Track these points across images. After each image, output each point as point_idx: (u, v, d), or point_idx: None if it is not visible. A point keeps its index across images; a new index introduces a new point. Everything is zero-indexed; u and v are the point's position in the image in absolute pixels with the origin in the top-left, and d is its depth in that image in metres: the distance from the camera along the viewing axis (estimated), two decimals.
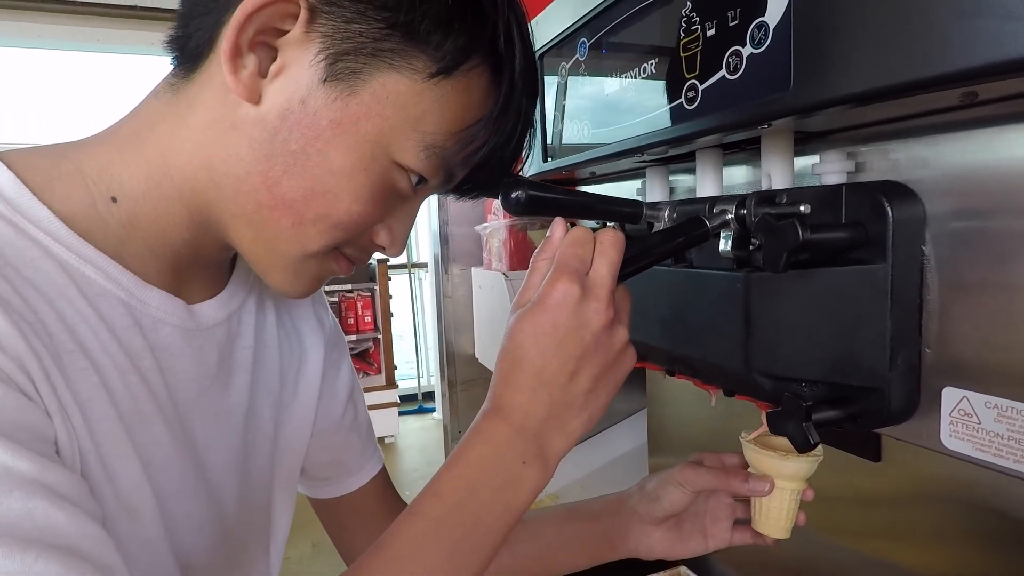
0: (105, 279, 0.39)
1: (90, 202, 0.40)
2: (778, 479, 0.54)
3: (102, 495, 0.38)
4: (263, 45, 0.38)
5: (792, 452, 0.53)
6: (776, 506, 0.55)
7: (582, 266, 0.40)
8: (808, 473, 0.54)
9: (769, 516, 0.55)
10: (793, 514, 0.55)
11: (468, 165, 0.44)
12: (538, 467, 0.39)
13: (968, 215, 0.39)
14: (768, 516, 0.55)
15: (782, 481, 0.54)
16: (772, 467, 0.54)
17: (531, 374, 0.39)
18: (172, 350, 0.44)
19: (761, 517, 0.56)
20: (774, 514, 0.55)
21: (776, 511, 0.55)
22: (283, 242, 0.41)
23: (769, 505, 0.55)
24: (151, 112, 0.42)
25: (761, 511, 0.56)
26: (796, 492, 0.54)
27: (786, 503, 0.54)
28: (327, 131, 0.38)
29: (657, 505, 0.59)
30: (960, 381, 0.40)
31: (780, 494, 0.54)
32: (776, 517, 0.55)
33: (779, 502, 0.55)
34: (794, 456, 0.53)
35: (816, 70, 0.35)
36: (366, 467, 0.64)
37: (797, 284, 0.43)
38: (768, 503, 0.55)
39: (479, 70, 0.41)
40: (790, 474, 0.54)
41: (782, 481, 0.54)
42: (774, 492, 0.54)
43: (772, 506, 0.55)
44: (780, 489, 0.54)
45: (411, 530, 0.37)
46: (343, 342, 0.63)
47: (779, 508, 0.55)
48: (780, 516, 0.55)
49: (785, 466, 0.53)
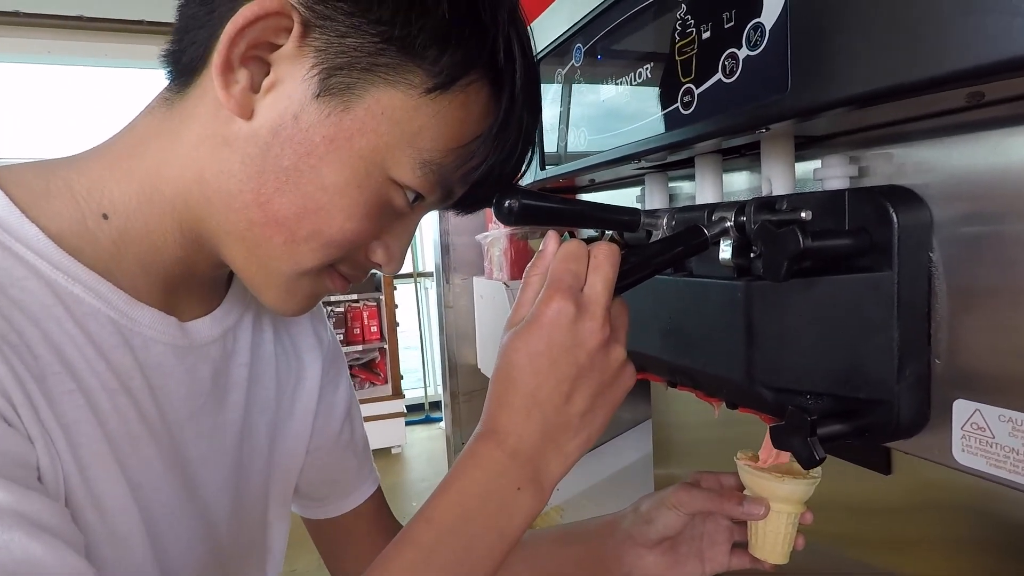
0: (94, 298, 0.39)
1: (80, 219, 0.39)
2: (774, 502, 0.52)
3: (87, 520, 0.37)
4: (256, 60, 0.37)
5: (788, 474, 0.52)
6: (773, 530, 0.53)
7: (576, 282, 0.38)
8: (805, 496, 0.52)
9: (766, 540, 0.54)
10: (791, 538, 0.53)
11: (467, 182, 0.43)
12: (533, 492, 0.38)
13: (977, 220, 0.38)
14: (765, 540, 0.54)
15: (778, 504, 0.52)
16: (768, 489, 0.52)
17: (525, 396, 0.38)
18: (164, 368, 0.43)
19: (758, 541, 0.54)
20: (771, 538, 0.53)
21: (773, 535, 0.53)
22: (276, 260, 0.41)
23: (766, 529, 0.53)
24: (145, 128, 0.41)
25: (758, 535, 0.54)
26: (793, 516, 0.53)
27: (783, 527, 0.53)
28: (320, 147, 0.38)
29: (651, 527, 0.58)
30: (972, 393, 0.38)
31: (777, 517, 0.53)
32: (773, 542, 0.53)
33: (775, 526, 0.53)
34: (790, 478, 0.51)
35: (814, 71, 0.34)
36: (362, 487, 0.63)
37: (800, 293, 0.42)
38: (764, 527, 0.53)
39: (478, 85, 0.40)
40: (786, 496, 0.52)
41: (778, 504, 0.52)
42: (770, 516, 0.53)
43: (769, 530, 0.53)
44: (776, 512, 0.52)
45: (401, 559, 0.36)
46: (342, 359, 0.62)
47: (776, 532, 0.53)
48: (777, 540, 0.53)
49: (781, 488, 0.52)
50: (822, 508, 0.55)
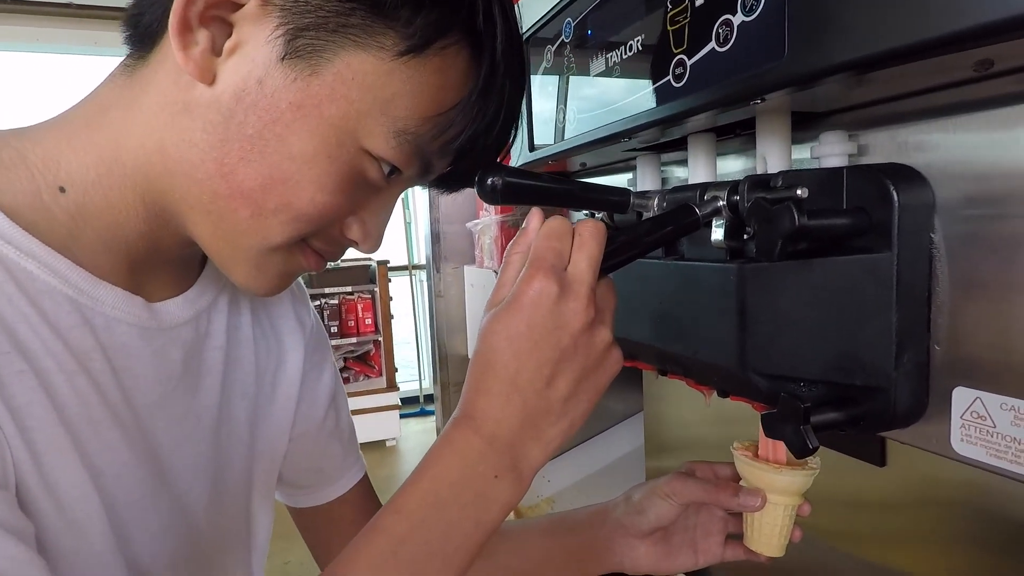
0: (49, 275, 0.37)
1: (35, 192, 0.37)
2: (771, 493, 0.51)
3: (40, 508, 0.35)
4: (217, 20, 0.35)
5: (786, 465, 0.50)
6: (769, 522, 0.51)
7: (559, 261, 0.37)
8: (803, 488, 0.51)
9: (762, 532, 0.52)
10: (787, 531, 0.52)
11: (447, 154, 0.41)
12: (511, 481, 0.36)
13: (982, 201, 0.36)
14: (760, 532, 0.52)
15: (775, 496, 0.51)
16: (764, 480, 0.51)
17: (504, 380, 0.36)
18: (129, 350, 0.41)
19: (753, 533, 0.53)
20: (766, 530, 0.52)
21: (769, 527, 0.51)
22: (243, 234, 0.39)
23: (762, 521, 0.52)
24: (105, 97, 0.39)
25: (753, 527, 0.53)
26: (790, 508, 0.51)
27: (779, 519, 0.51)
28: (287, 114, 0.36)
29: (643, 518, 0.56)
30: (973, 381, 0.37)
31: (773, 509, 0.51)
32: (769, 534, 0.52)
33: (772, 518, 0.51)
34: (788, 469, 0.50)
35: (813, 36, 0.32)
36: (347, 475, 0.61)
37: (794, 275, 0.40)
38: (760, 519, 0.52)
39: (455, 49, 0.38)
40: (783, 488, 0.50)
41: (775, 496, 0.51)
42: (767, 507, 0.51)
43: (765, 522, 0.52)
44: (773, 504, 0.51)
45: (369, 549, 0.34)
46: (326, 344, 0.61)
47: (772, 524, 0.51)
48: (773, 533, 0.51)
49: (778, 480, 0.50)
50: (814, 501, 0.53)
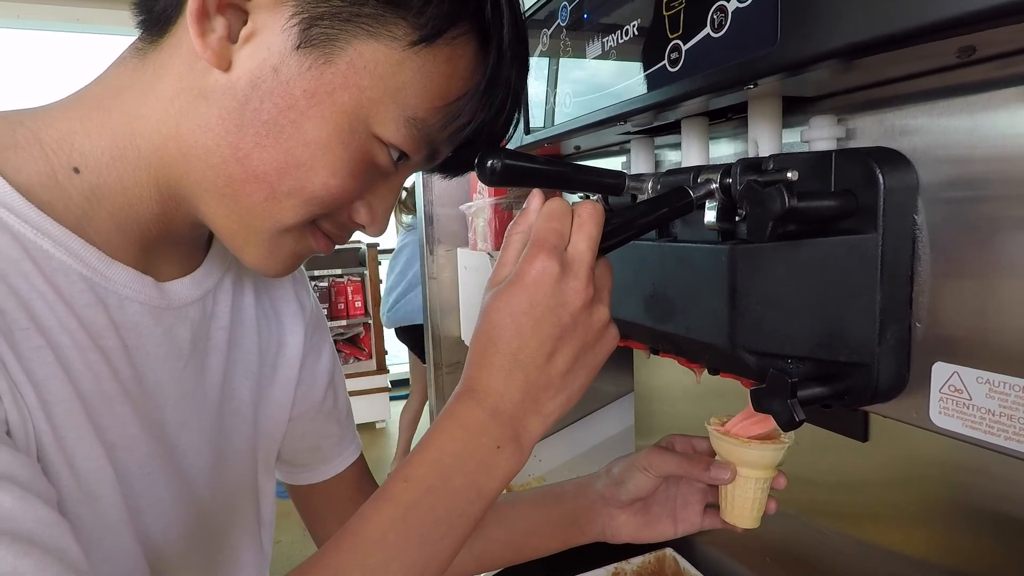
0: (65, 254, 0.37)
1: (49, 172, 0.38)
2: (742, 467, 0.52)
3: (59, 477, 0.36)
4: (233, 8, 0.36)
5: (755, 439, 0.51)
6: (741, 495, 0.53)
7: (560, 241, 0.38)
8: (774, 461, 0.52)
9: (735, 505, 0.53)
10: (761, 504, 0.53)
11: (455, 142, 0.42)
12: (512, 451, 0.37)
13: (964, 184, 0.38)
14: (734, 505, 0.53)
15: (746, 469, 0.52)
16: (734, 454, 0.52)
17: (506, 355, 0.37)
18: (140, 329, 0.42)
19: (727, 506, 0.54)
20: (739, 503, 0.53)
21: (741, 500, 0.53)
22: (256, 217, 0.39)
23: (734, 494, 0.53)
24: (117, 80, 0.40)
25: (727, 500, 0.54)
26: (763, 481, 0.52)
27: (750, 492, 0.52)
28: (301, 101, 0.36)
29: (622, 489, 0.58)
30: (951, 356, 0.38)
31: (744, 483, 0.52)
32: (741, 506, 0.53)
33: (743, 491, 0.52)
34: (757, 443, 0.51)
35: (804, 23, 0.33)
36: (344, 454, 0.63)
37: (783, 256, 0.41)
38: (733, 491, 0.53)
39: (464, 39, 0.38)
40: (753, 461, 0.51)
41: (746, 469, 0.52)
42: (739, 481, 0.52)
43: (737, 495, 0.53)
44: (744, 478, 0.52)
45: (379, 516, 0.35)
46: (325, 326, 0.62)
47: (744, 497, 0.52)
48: (745, 505, 0.53)
49: (747, 453, 0.51)
50: (795, 477, 0.55)
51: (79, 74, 0.44)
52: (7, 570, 0.27)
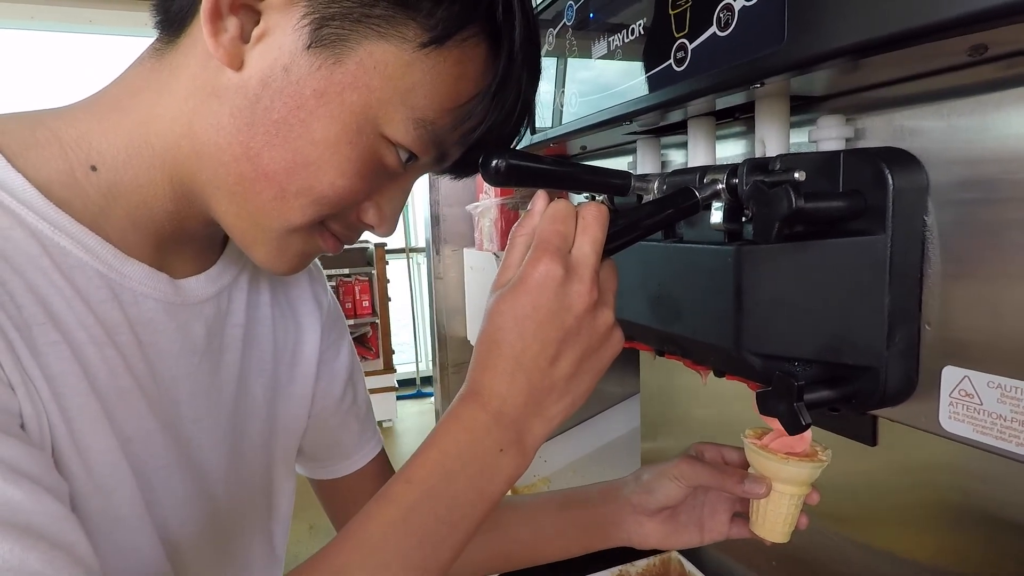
0: (82, 251, 0.38)
1: (68, 170, 0.38)
2: (778, 483, 0.51)
3: (72, 471, 0.36)
4: (246, 8, 0.36)
5: (794, 455, 0.50)
6: (774, 509, 0.52)
7: (564, 244, 0.37)
8: (810, 479, 0.51)
9: (767, 519, 0.52)
10: (793, 519, 0.52)
11: (465, 144, 0.42)
12: (515, 455, 0.37)
13: (975, 185, 0.37)
14: (766, 519, 0.52)
15: (781, 485, 0.51)
16: (771, 469, 0.51)
17: (510, 358, 0.37)
18: (154, 325, 0.42)
19: (758, 519, 0.53)
20: (771, 517, 0.52)
21: (774, 514, 0.52)
22: (265, 216, 0.40)
23: (767, 508, 0.52)
24: (134, 79, 0.40)
25: (759, 513, 0.53)
26: (797, 497, 0.51)
27: (784, 507, 0.51)
28: (310, 101, 0.37)
29: (651, 497, 0.58)
30: (961, 360, 0.38)
31: (779, 498, 0.51)
32: (773, 520, 0.52)
33: (777, 506, 0.51)
34: (795, 460, 0.50)
35: (812, 21, 0.32)
36: (364, 449, 0.63)
37: (790, 257, 0.41)
38: (766, 506, 0.52)
39: (475, 41, 0.38)
40: (789, 478, 0.50)
41: (781, 485, 0.51)
42: (772, 496, 0.51)
43: (770, 509, 0.52)
44: (779, 493, 0.51)
45: (380, 517, 0.35)
46: (343, 323, 0.62)
47: (776, 512, 0.51)
48: (778, 520, 0.52)
49: (784, 469, 0.50)
50: None
51: (91, 74, 0.44)
52: (15, 563, 0.27)
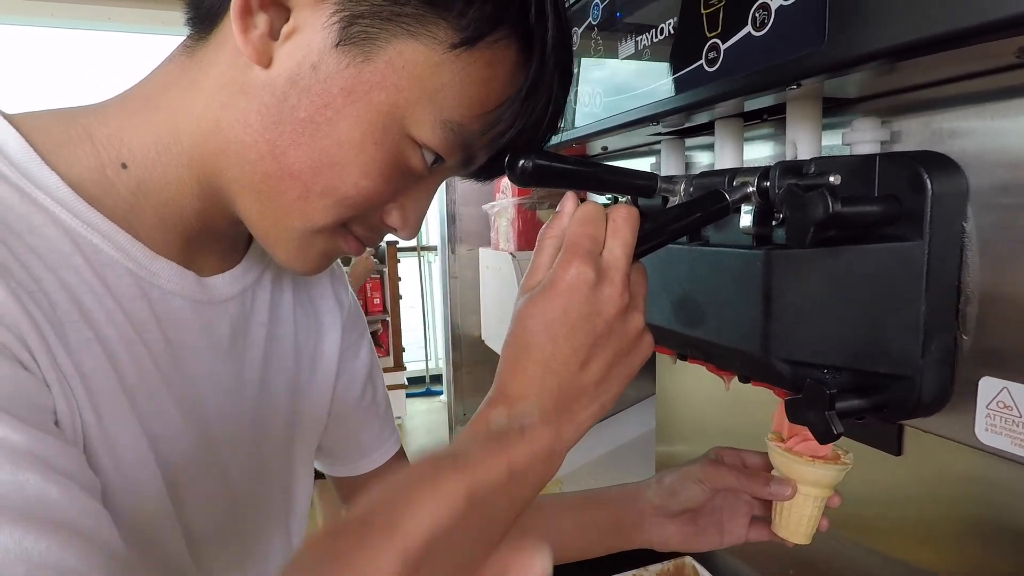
0: (113, 248, 0.38)
1: (99, 167, 0.38)
2: (803, 485, 0.52)
3: (103, 467, 0.37)
4: (276, 5, 0.36)
5: (819, 458, 0.51)
6: (798, 511, 0.52)
7: (595, 246, 0.37)
8: (835, 481, 0.51)
9: (790, 521, 0.53)
10: (816, 521, 0.53)
11: (493, 148, 0.41)
12: (544, 459, 0.36)
13: (1016, 190, 0.36)
14: (789, 521, 0.53)
15: (806, 487, 0.52)
16: (796, 472, 0.52)
17: (539, 362, 0.36)
18: (182, 323, 0.42)
19: (781, 521, 0.54)
20: (795, 519, 0.53)
21: (797, 516, 0.53)
22: (289, 215, 0.39)
23: (791, 510, 0.53)
24: (165, 76, 0.40)
25: (782, 515, 0.54)
26: (820, 499, 0.52)
27: (808, 509, 0.52)
28: (337, 99, 0.36)
29: (674, 500, 0.58)
30: (1000, 371, 0.37)
31: (803, 500, 0.52)
32: (797, 522, 0.53)
33: (801, 508, 0.52)
34: (820, 462, 0.51)
35: (855, 20, 0.31)
36: (383, 447, 0.63)
37: (823, 263, 0.40)
38: (790, 508, 0.53)
39: (506, 43, 0.38)
40: (816, 480, 0.51)
41: (806, 487, 0.52)
42: (797, 498, 0.52)
43: (794, 511, 0.53)
44: (803, 495, 0.52)
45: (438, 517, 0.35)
46: (363, 323, 0.62)
47: (800, 514, 0.52)
48: (801, 522, 0.52)
49: (810, 472, 0.51)
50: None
51: (111, 72, 0.45)
52: (53, 559, 0.27)
